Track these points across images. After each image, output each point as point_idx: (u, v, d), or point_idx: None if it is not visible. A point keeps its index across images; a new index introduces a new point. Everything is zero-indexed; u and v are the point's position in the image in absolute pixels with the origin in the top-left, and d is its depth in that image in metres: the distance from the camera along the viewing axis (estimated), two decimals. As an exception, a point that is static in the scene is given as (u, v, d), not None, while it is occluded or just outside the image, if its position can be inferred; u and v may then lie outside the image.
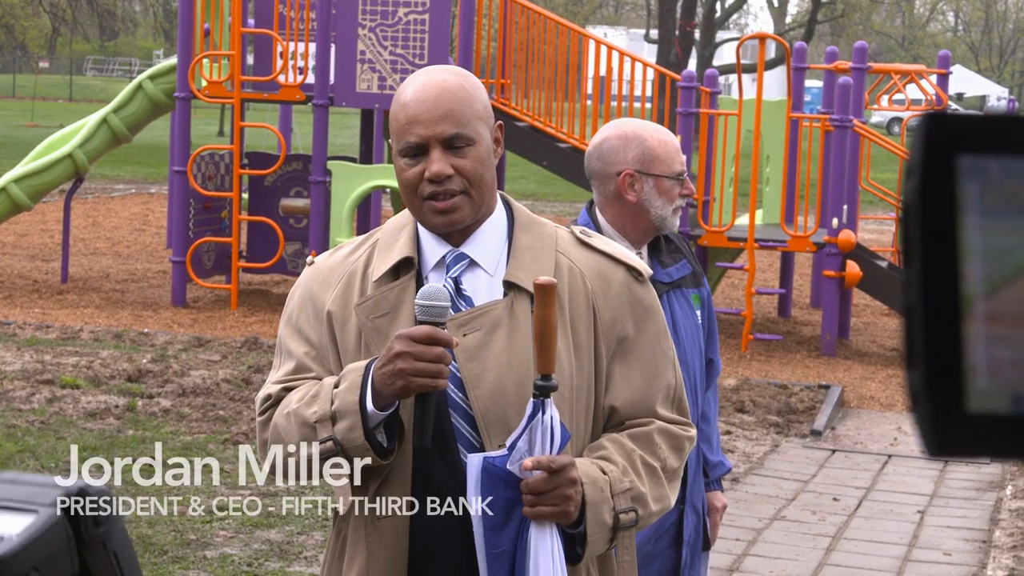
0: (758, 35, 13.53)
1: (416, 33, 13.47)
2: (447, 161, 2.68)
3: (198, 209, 14.26)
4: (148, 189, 26.81)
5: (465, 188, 2.70)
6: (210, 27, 14.07)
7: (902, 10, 72.67)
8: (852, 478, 8.92)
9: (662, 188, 3.94)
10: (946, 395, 0.79)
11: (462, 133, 2.69)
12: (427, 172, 2.68)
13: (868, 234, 20.92)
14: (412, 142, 2.70)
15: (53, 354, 11.03)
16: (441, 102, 2.69)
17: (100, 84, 66.97)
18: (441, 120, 2.68)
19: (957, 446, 0.80)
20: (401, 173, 2.73)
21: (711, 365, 4.22)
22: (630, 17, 77.42)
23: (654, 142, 3.97)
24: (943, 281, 0.77)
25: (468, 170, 2.69)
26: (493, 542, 2.62)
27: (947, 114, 0.79)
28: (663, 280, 3.93)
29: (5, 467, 7.96)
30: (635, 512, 2.69)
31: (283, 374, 2.81)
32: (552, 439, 2.60)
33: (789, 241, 13.00)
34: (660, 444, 2.77)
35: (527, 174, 28.98)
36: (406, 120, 2.71)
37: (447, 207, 2.69)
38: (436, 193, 2.69)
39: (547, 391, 2.59)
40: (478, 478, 2.62)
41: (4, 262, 16.34)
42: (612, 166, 3.96)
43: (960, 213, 0.78)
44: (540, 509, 2.61)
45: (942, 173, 0.78)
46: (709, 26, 41.28)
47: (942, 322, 0.77)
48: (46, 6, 51.00)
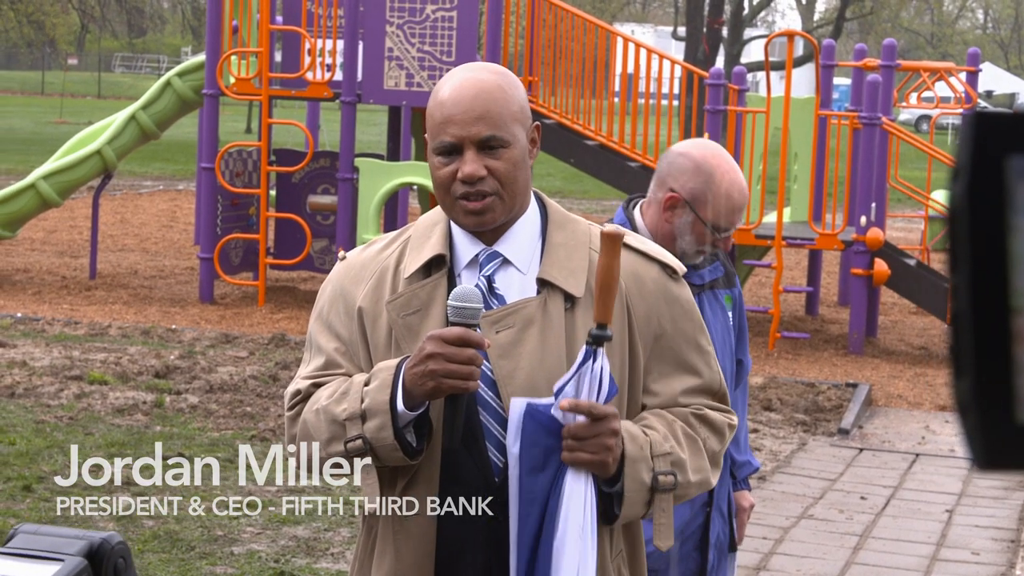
0: (787, 32, 13.49)
1: (444, 30, 13.47)
2: (480, 162, 2.68)
3: (226, 206, 14.28)
4: (176, 186, 26.88)
5: (497, 190, 2.69)
6: (238, 24, 14.09)
7: (931, 7, 72.34)
8: (880, 477, 8.89)
9: (698, 230, 3.87)
10: (996, 406, 0.76)
11: (497, 135, 2.68)
12: (460, 173, 2.67)
13: (896, 232, 20.84)
14: (447, 142, 2.69)
15: (81, 350, 11.07)
16: (477, 103, 2.68)
17: (128, 81, 67.16)
18: (476, 121, 2.67)
19: (1007, 459, 0.78)
20: (435, 171, 2.73)
21: (740, 365, 4.20)
22: (657, 14, 77.26)
23: (719, 189, 3.89)
24: (992, 288, 0.75)
25: (501, 172, 2.69)
26: (528, 487, 2.61)
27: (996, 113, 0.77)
28: (695, 282, 3.89)
29: (34, 462, 7.99)
30: (674, 476, 2.67)
31: (312, 369, 2.81)
32: (600, 388, 2.59)
33: (817, 239, 12.96)
34: (698, 425, 2.76)
35: (554, 171, 28.95)
36: (442, 119, 2.70)
37: (479, 208, 2.69)
38: (468, 193, 2.68)
39: (601, 340, 2.58)
40: (519, 423, 2.61)
41: (33, 258, 16.40)
42: (671, 180, 3.88)
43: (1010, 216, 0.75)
44: (579, 455, 2.59)
45: (991, 175, 0.76)
46: (737, 23, 41.16)
47: (991, 330, 0.75)
48: (75, 3, 51.17)
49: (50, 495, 7.43)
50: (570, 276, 2.72)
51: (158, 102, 15.07)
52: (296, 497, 7.56)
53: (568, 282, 2.72)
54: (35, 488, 7.53)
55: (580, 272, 2.72)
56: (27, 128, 40.41)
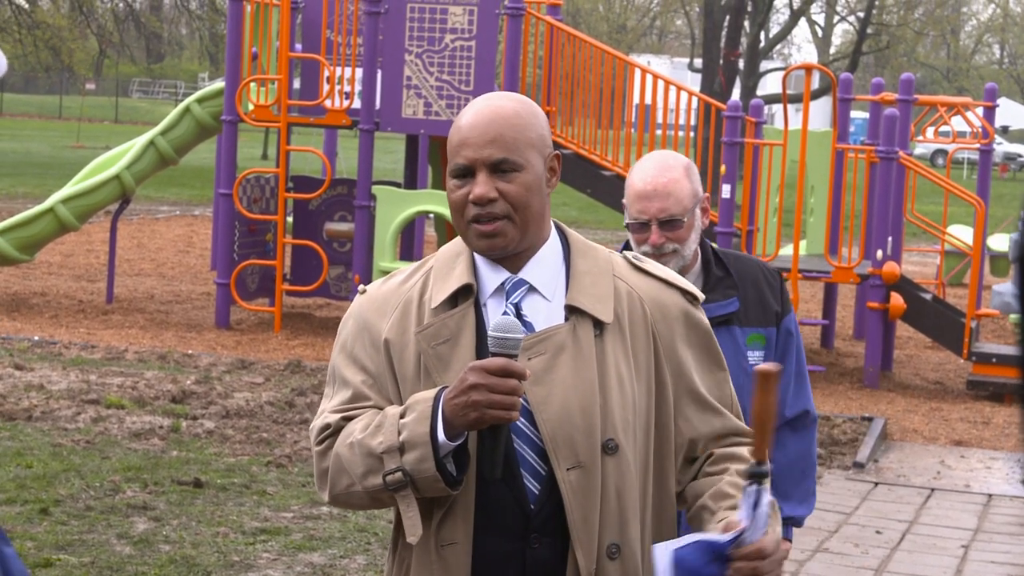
0: (804, 65, 13.52)
1: (462, 59, 13.53)
2: (492, 184, 2.71)
3: (243, 232, 14.33)
4: (192, 211, 26.96)
5: (508, 213, 2.71)
6: (258, 51, 14.16)
7: (947, 42, 72.42)
8: (895, 511, 8.88)
9: (631, 232, 3.87)
10: None
11: (509, 158, 2.71)
12: (471, 194, 2.71)
13: (912, 266, 20.82)
14: (460, 163, 2.73)
15: (98, 374, 11.10)
16: (492, 127, 2.71)
17: (146, 106, 67.47)
18: (489, 144, 2.71)
19: None
20: (450, 194, 2.77)
21: (806, 415, 4.09)
22: (673, 46, 77.44)
23: (629, 181, 3.90)
24: None
25: (512, 195, 2.71)
26: None
27: None
28: None
29: (51, 485, 8.01)
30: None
31: (339, 403, 2.80)
32: (764, 522, 2.60)
33: (833, 272, 12.96)
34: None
35: (570, 201, 29.01)
36: (458, 142, 2.74)
37: (490, 231, 2.71)
38: (480, 216, 2.71)
39: (762, 477, 2.58)
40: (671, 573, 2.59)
41: (50, 282, 16.46)
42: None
43: None
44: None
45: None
46: (753, 56, 41.24)
47: None
48: (93, 28, 51.39)
49: (67, 519, 7.45)
50: (598, 303, 2.74)
51: (177, 128, 15.14)
52: (312, 524, 7.58)
53: (597, 308, 2.74)
54: (52, 511, 7.54)
55: (607, 299, 2.75)
56: (44, 152, 40.57)
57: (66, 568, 6.71)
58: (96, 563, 6.79)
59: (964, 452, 10.62)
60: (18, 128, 52.94)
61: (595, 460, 2.68)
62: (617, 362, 2.73)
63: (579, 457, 2.67)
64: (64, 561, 6.79)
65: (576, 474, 2.67)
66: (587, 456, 2.68)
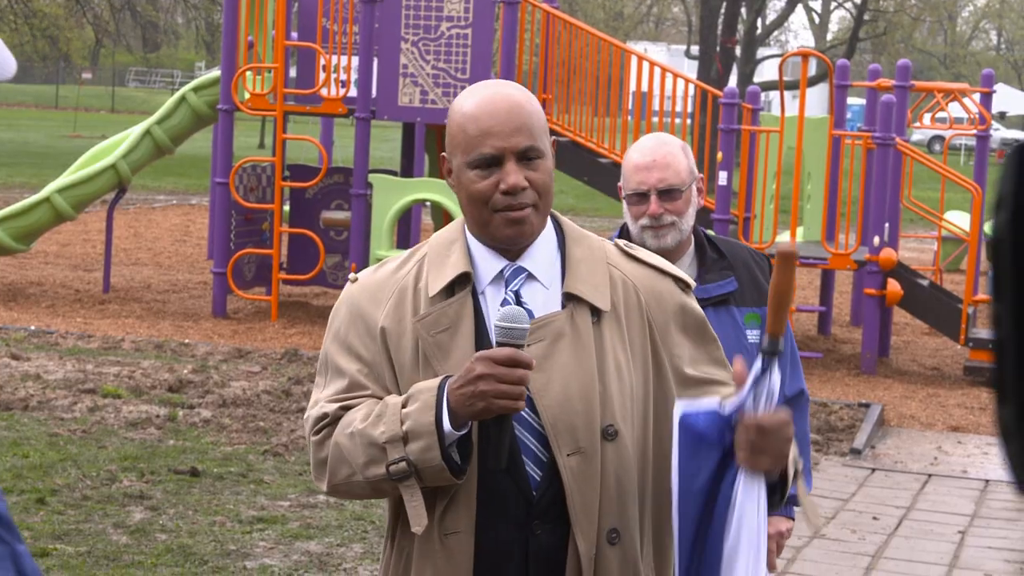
0: (801, 52, 13.50)
1: (458, 48, 13.51)
2: (522, 173, 2.70)
3: (239, 221, 14.32)
4: (189, 200, 26.95)
5: (536, 201, 2.72)
6: (254, 40, 14.14)
7: (944, 28, 72.36)
8: (892, 497, 8.88)
9: (629, 206, 3.95)
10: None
11: (535, 146, 2.71)
12: (503, 184, 2.68)
13: (909, 252, 20.82)
14: (487, 153, 2.70)
15: (95, 363, 11.09)
16: (514, 115, 2.70)
17: (142, 95, 67.40)
18: (516, 132, 2.69)
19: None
20: (471, 185, 2.72)
21: (800, 395, 4.17)
22: (671, 33, 77.35)
23: (627, 158, 3.99)
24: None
25: (539, 183, 2.72)
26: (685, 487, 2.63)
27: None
28: (698, 296, 3.88)
29: (48, 475, 8.01)
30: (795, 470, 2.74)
31: (334, 392, 2.78)
32: (772, 399, 2.61)
33: (830, 259, 12.96)
34: None
35: (567, 189, 28.97)
36: (478, 132, 2.70)
37: (521, 217, 2.70)
38: (512, 204, 2.70)
39: (776, 352, 2.60)
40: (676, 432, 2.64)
41: (47, 272, 16.45)
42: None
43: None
44: (760, 461, 2.60)
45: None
46: (750, 43, 41.20)
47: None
48: (89, 18, 51.27)
49: (63, 508, 7.45)
50: (595, 290, 2.75)
51: (173, 117, 15.13)
52: (308, 512, 7.58)
53: (594, 296, 2.74)
54: (48, 501, 7.54)
55: (604, 287, 2.76)
56: (41, 142, 40.53)
57: (63, 558, 6.71)
58: (93, 552, 6.79)
59: (961, 438, 10.62)
60: (14, 117, 52.88)
61: (595, 446, 2.68)
62: (615, 349, 2.73)
63: (579, 443, 2.67)
64: (61, 551, 6.79)
65: (576, 460, 2.67)
66: (587, 442, 2.68)
